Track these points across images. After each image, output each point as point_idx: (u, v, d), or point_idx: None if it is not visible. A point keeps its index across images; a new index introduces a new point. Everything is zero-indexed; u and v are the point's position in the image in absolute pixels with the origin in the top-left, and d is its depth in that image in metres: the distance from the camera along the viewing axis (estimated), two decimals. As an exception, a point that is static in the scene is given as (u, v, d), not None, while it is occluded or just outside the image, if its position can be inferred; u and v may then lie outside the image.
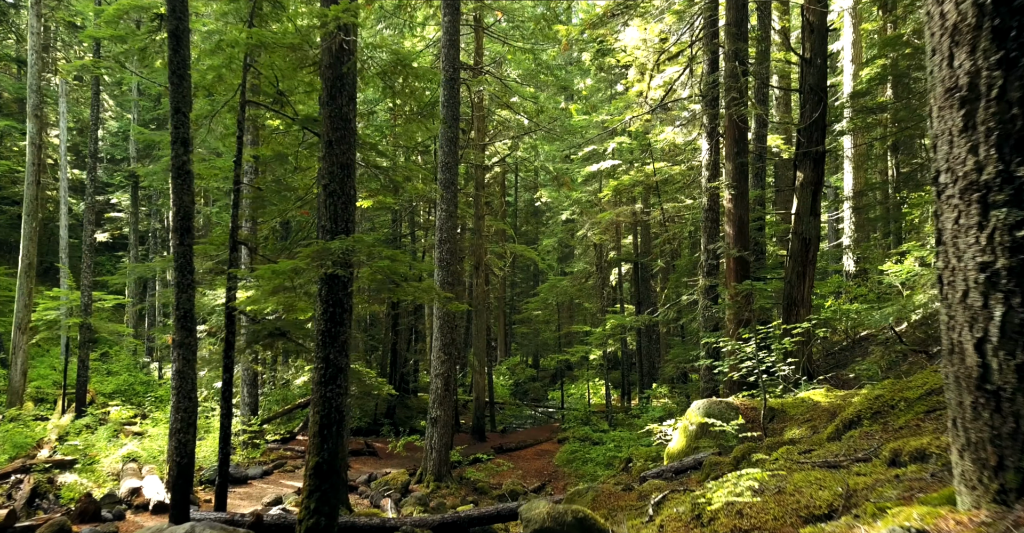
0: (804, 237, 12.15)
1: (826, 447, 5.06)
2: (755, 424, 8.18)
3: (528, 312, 29.57)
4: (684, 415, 9.00)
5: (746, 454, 6.76)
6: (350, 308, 7.00)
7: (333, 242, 6.52)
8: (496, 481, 15.72)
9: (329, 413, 6.67)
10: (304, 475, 6.60)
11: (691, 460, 7.77)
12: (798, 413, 8.06)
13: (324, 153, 7.07)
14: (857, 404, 5.72)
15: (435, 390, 14.31)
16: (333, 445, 6.66)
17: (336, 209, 6.94)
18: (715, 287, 13.20)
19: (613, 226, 25.44)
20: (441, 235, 14.50)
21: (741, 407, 8.42)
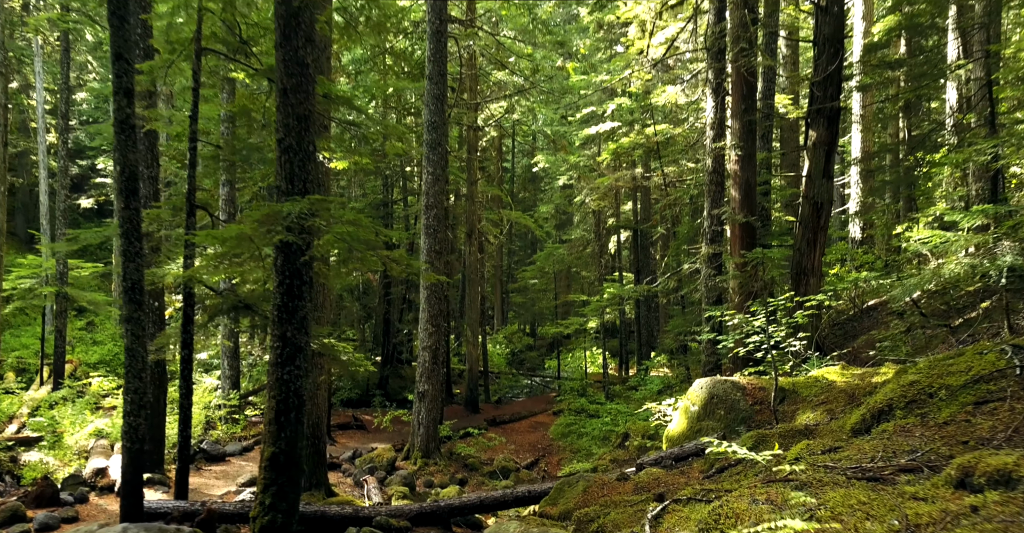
0: (815, 201, 11.30)
1: (854, 444, 4.30)
2: (764, 406, 7.45)
3: (524, 281, 28.81)
4: (685, 394, 8.27)
5: (756, 443, 6.02)
6: (310, 280, 6.20)
7: (285, 204, 5.69)
8: (487, 456, 15.13)
9: (287, 398, 5.92)
10: (259, 467, 5.89)
11: (692, 446, 7.05)
12: (811, 394, 7.32)
13: (279, 103, 6.20)
14: (888, 391, 4.95)
15: (423, 363, 13.60)
16: (292, 433, 5.92)
17: (292, 167, 6.09)
18: (719, 255, 12.39)
19: (612, 192, 24.52)
20: (428, 200, 13.63)
21: (748, 387, 7.68)
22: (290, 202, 5.79)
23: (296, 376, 6.04)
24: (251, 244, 5.71)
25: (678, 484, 6.04)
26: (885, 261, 21.74)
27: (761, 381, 7.77)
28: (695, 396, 7.92)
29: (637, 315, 25.54)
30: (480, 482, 13.22)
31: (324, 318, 10.61)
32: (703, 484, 5.72)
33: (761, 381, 7.77)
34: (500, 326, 37.60)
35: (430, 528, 7.49)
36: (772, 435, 6.03)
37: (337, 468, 12.81)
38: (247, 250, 6.05)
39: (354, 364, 9.35)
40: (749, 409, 7.41)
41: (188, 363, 8.15)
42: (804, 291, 10.89)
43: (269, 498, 5.76)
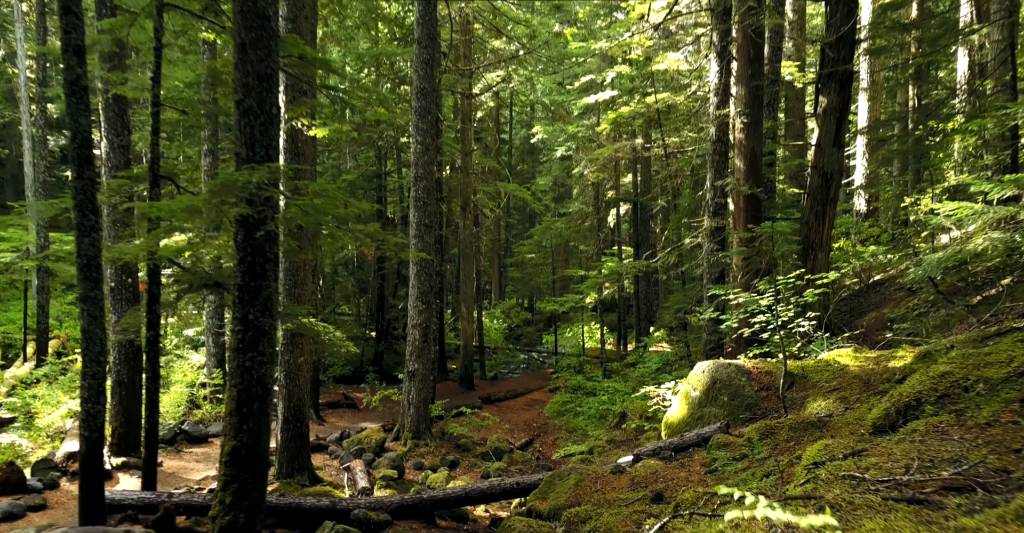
0: (825, 172, 10.68)
1: (880, 446, 3.76)
2: (770, 392, 6.93)
3: (521, 255, 28.21)
4: (685, 378, 7.75)
5: (763, 435, 5.50)
6: (275, 257, 5.63)
7: (240, 173, 5.09)
8: (481, 436, 14.71)
9: (249, 387, 5.39)
10: (219, 462, 5.38)
11: (694, 436, 6.55)
12: (822, 379, 6.79)
13: (237, 60, 5.56)
14: (916, 382, 4.40)
15: (412, 342, 13.09)
16: (255, 425, 5.40)
17: (253, 132, 5.48)
18: (722, 229, 11.79)
19: (611, 163, 23.80)
20: (417, 171, 12.99)
21: (753, 371, 7.15)
22: (248, 170, 5.18)
23: (260, 363, 5.49)
24: (202, 217, 5.13)
25: (678, 480, 5.54)
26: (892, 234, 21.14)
27: (767, 365, 7.24)
28: (696, 380, 7.40)
29: (636, 290, 25.02)
30: (472, 464, 12.80)
31: (305, 296, 10.06)
32: (706, 482, 5.22)
33: (767, 365, 7.24)
34: (498, 301, 37.11)
35: (412, 521, 7.03)
36: (781, 426, 5.51)
37: (323, 450, 12.37)
38: (198, 224, 5.47)
39: (335, 344, 8.81)
40: (754, 395, 6.89)
41: (154, 345, 7.61)
42: (812, 267, 10.34)
43: (230, 496, 5.25)
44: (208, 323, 15.19)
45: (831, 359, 7.16)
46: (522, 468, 12.72)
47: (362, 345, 24.76)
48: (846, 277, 14.80)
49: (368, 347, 24.40)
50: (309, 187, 5.64)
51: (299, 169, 9.87)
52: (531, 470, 12.63)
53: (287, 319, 8.04)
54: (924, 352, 6.21)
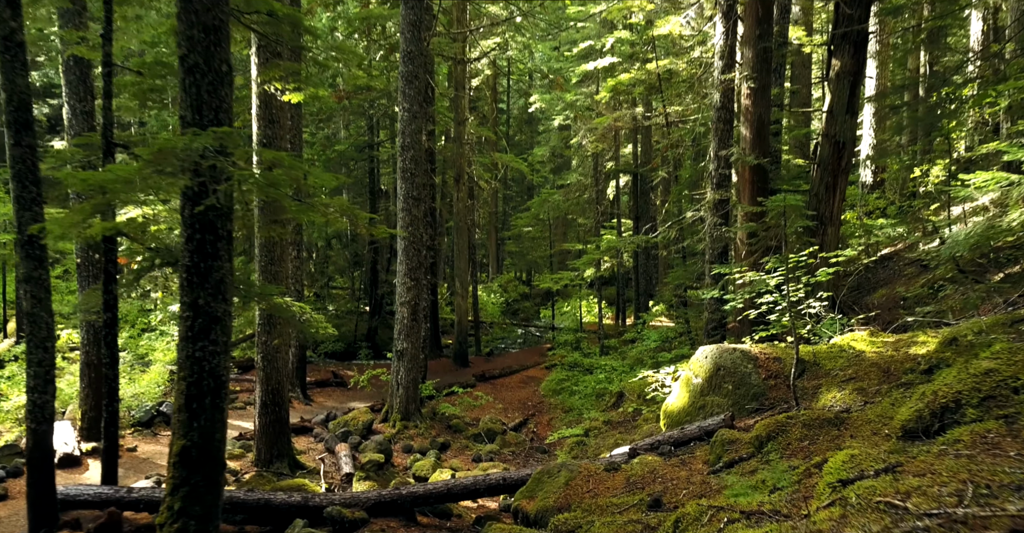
0: (837, 140, 10.01)
1: (918, 459, 3.18)
2: (779, 380, 6.37)
3: (518, 229, 27.53)
4: (686, 363, 7.18)
5: (773, 433, 4.94)
6: (228, 235, 5.01)
7: (182, 139, 4.46)
8: (473, 416, 14.23)
9: (200, 380, 4.82)
10: (168, 462, 4.84)
11: (695, 429, 6.00)
12: (836, 367, 6.22)
13: (179, 10, 4.88)
14: (953, 381, 3.82)
15: (401, 320, 12.53)
16: (208, 423, 4.84)
17: (200, 92, 4.82)
18: (725, 202, 11.15)
19: (611, 133, 23.01)
20: (404, 140, 12.29)
21: (760, 357, 6.58)
22: (190, 135, 4.53)
23: (212, 353, 4.91)
24: (136, 189, 4.51)
25: (678, 481, 5.00)
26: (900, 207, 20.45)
27: (775, 350, 6.67)
28: (699, 366, 6.83)
29: (635, 264, 24.42)
30: (463, 446, 12.33)
31: (284, 273, 9.46)
32: (709, 485, 4.67)
33: (775, 350, 6.67)
34: (495, 275, 36.55)
35: (391, 518, 6.52)
36: (793, 423, 4.95)
37: (308, 432, 11.88)
38: (131, 197, 4.85)
39: (313, 326, 8.24)
40: (762, 384, 6.33)
41: (111, 328, 7.03)
42: (822, 242, 9.73)
43: (179, 501, 4.71)
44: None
45: (845, 344, 6.58)
46: (515, 450, 12.27)
47: (355, 320, 24.24)
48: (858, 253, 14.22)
49: (362, 322, 23.88)
50: (265, 155, 4.99)
51: (273, 137, 9.21)
52: (524, 453, 12.17)
53: (261, 300, 7.45)
54: (949, 338, 5.64)
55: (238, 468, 9.35)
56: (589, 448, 11.16)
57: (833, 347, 6.56)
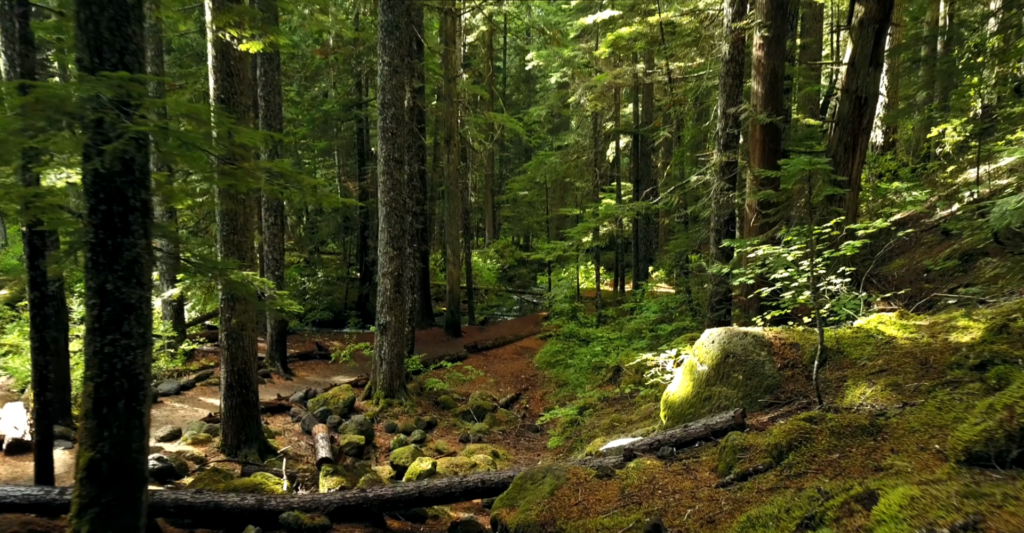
0: (859, 96, 9.06)
1: (1003, 509, 2.39)
2: (797, 370, 5.57)
3: (513, 192, 26.53)
4: (690, 347, 6.38)
5: (795, 442, 4.16)
6: (144, 206, 4.16)
7: (67, 86, 3.58)
8: (463, 391, 13.55)
9: (111, 380, 4.03)
10: (75, 478, 4.07)
11: (701, 427, 5.22)
12: (863, 356, 5.42)
13: (71, -75, 3.95)
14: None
15: (384, 292, 11.73)
16: (122, 431, 4.06)
17: (99, 29, 3.92)
18: (733, 165, 10.24)
19: (610, 91, 21.87)
20: (384, 97, 11.31)
21: (774, 342, 5.78)
22: (86, 82, 3.64)
23: (126, 348, 4.09)
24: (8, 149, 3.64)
25: (682, 494, 4.24)
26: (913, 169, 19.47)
27: (793, 334, 5.86)
28: (704, 352, 6.03)
29: (635, 229, 23.53)
30: (451, 425, 11.66)
31: (247, 244, 8.61)
32: (719, 503, 3.90)
33: (793, 334, 5.86)
34: (491, 240, 35.67)
35: (356, 524, 5.81)
36: (819, 430, 4.17)
37: (285, 411, 11.18)
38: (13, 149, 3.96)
39: (276, 304, 7.42)
40: (776, 374, 5.54)
41: (40, 308, 6.22)
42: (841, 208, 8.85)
43: (87, 525, 3.95)
44: (164, 270, 13.77)
45: (872, 328, 5.78)
46: (505, 429, 11.59)
47: (345, 287, 23.48)
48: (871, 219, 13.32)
49: (352, 289, 23.12)
50: (181, 107, 4.10)
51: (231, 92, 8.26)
52: (515, 432, 11.50)
53: (215, 275, 6.63)
54: (999, 324, 4.83)
55: (203, 454, 8.65)
56: (583, 429, 10.47)
57: (859, 331, 5.76)
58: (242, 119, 8.38)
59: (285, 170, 4.97)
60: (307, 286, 24.00)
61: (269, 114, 13.18)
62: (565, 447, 10.12)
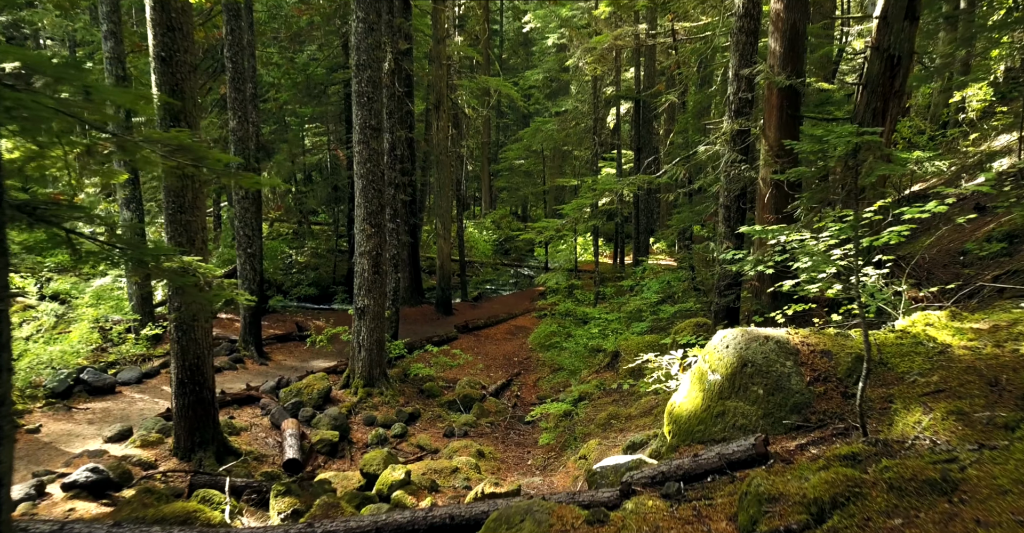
0: (891, 54, 7.97)
1: None
2: (830, 384, 4.62)
3: (508, 161, 25.37)
4: (703, 351, 5.42)
5: (839, 498, 3.22)
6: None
7: None
8: (451, 377, 12.68)
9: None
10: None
11: (715, 456, 4.29)
12: (912, 369, 4.47)
13: None
14: None
15: (361, 273, 10.77)
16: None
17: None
18: (746, 133, 9.18)
19: (611, 54, 20.62)
20: (359, 58, 10.20)
21: (802, 350, 4.82)
22: None
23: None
24: None
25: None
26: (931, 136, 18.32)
27: (823, 339, 4.89)
28: (717, 358, 5.08)
29: (636, 199, 22.43)
30: (436, 416, 10.80)
31: (197, 224, 7.60)
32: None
33: (823, 339, 4.89)
34: (488, 210, 34.60)
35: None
36: (870, 481, 3.23)
37: (255, 403, 10.29)
38: None
39: (224, 295, 6.45)
40: (805, 390, 4.59)
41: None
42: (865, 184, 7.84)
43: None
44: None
45: (919, 332, 4.81)
46: (494, 421, 10.74)
47: (334, 260, 22.51)
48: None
49: (341, 263, 22.13)
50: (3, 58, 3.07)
51: (174, 49, 7.18)
52: (505, 425, 10.65)
53: (138, 264, 5.65)
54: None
55: (152, 459, 7.77)
56: (577, 423, 9.60)
57: (903, 336, 4.80)
58: (187, 80, 7.31)
59: (185, 143, 3.96)
60: (294, 259, 23.05)
61: (237, 77, 12.05)
62: (557, 444, 9.27)
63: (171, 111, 7.25)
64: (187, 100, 7.33)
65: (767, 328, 5.18)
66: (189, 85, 7.34)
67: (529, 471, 8.74)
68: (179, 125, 7.30)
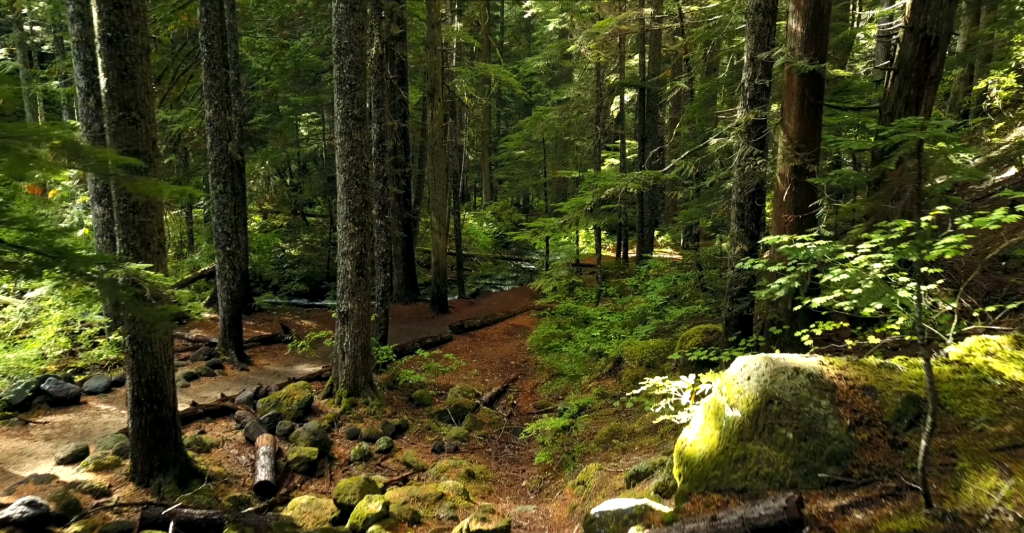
0: (927, 35, 7.15)
1: None
2: (876, 430, 3.84)
3: (508, 152, 24.52)
4: (719, 379, 4.65)
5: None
6: None
7: None
8: (443, 383, 11.95)
9: None
10: None
11: (737, 521, 3.53)
12: (977, 413, 3.69)
13: None
14: None
15: (344, 275, 10.01)
16: None
17: None
18: (762, 124, 8.36)
19: (615, 40, 19.71)
20: (340, 41, 9.38)
21: (839, 385, 4.04)
22: None
23: None
24: None
25: None
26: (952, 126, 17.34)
27: (863, 372, 4.11)
28: (735, 391, 4.31)
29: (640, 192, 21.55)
30: (425, 428, 10.07)
31: (151, 226, 6.83)
32: None
33: (863, 372, 4.11)
34: (489, 201, 33.79)
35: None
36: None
37: (229, 414, 9.56)
38: None
39: (172, 309, 5.69)
40: (846, 437, 3.82)
41: None
42: (898, 181, 7.05)
43: None
44: (97, 241, 12.03)
45: (979, 363, 4.03)
46: (487, 434, 10.02)
47: (327, 254, 21.76)
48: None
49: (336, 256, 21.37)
50: None
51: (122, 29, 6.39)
52: (499, 438, 9.93)
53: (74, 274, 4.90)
54: None
55: (106, 485, 7.04)
56: (576, 440, 8.88)
57: (960, 369, 4.03)
58: (138, 64, 6.52)
59: (67, 146, 3.17)
60: (287, 253, 22.32)
61: (213, 63, 11.24)
62: (554, 464, 8.54)
63: (120, 100, 6.47)
64: (138, 87, 6.54)
65: (794, 355, 4.40)
66: (141, 70, 6.54)
67: (523, 494, 8.01)
68: (129, 115, 6.52)
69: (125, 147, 6.55)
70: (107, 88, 6.45)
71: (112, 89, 6.45)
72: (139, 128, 6.59)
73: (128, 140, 6.56)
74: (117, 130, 6.53)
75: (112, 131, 6.54)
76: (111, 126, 6.53)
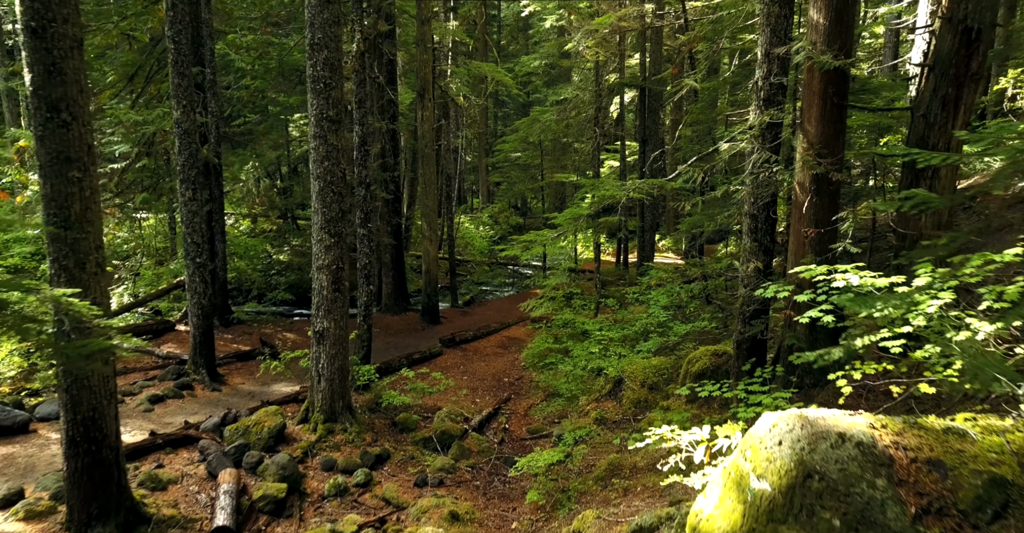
0: (968, 26, 6.34)
1: None
2: (946, 517, 3.01)
3: (504, 154, 23.69)
4: (742, 442, 3.82)
5: None
6: None
7: None
8: (431, 404, 11.13)
9: None
10: None
11: None
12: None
13: None
14: None
15: (319, 291, 9.17)
16: None
17: None
18: (777, 127, 7.55)
19: (614, 38, 18.88)
20: (314, 36, 8.55)
21: (896, 458, 3.21)
22: None
23: None
24: None
25: None
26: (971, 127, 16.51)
27: (927, 439, 3.28)
28: (764, 458, 3.48)
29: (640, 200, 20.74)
30: (408, 457, 9.24)
31: (89, 242, 6.00)
32: None
33: (927, 439, 3.28)
34: (485, 203, 32.97)
35: None
36: None
37: (193, 444, 8.71)
38: None
39: (94, 345, 4.87)
40: (911, 531, 2.98)
41: None
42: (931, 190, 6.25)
43: None
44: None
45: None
46: (476, 464, 9.19)
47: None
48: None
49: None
50: None
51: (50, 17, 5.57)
52: (488, 469, 9.09)
53: None
54: None
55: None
56: (572, 476, 8.04)
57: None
58: (69, 58, 5.69)
59: None
60: (275, 259, 21.51)
61: (180, 60, 10.41)
62: (548, 504, 7.70)
63: (48, 99, 5.64)
64: (69, 85, 5.71)
65: (835, 414, 3.57)
66: (72, 65, 5.72)
67: (512, 541, 7.18)
68: (59, 116, 5.69)
69: (55, 153, 5.73)
70: (32, 86, 5.63)
71: (38, 87, 5.63)
72: (71, 131, 5.76)
73: (58, 145, 5.74)
74: (45, 134, 5.70)
75: (39, 135, 5.72)
76: (37, 129, 5.71)
